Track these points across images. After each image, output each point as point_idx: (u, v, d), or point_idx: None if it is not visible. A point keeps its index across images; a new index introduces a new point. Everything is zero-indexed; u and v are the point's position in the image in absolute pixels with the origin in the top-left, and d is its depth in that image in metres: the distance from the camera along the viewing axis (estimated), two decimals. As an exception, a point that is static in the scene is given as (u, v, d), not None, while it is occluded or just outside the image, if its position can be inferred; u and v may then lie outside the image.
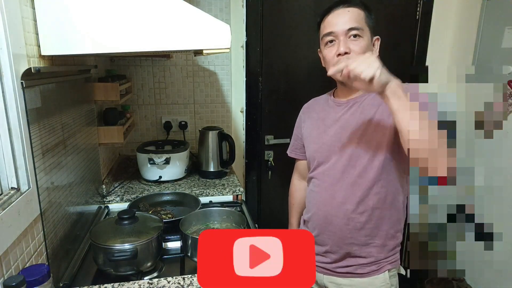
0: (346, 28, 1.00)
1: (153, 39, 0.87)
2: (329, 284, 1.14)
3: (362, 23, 1.01)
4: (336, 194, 1.07)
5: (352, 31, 1.00)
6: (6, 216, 0.72)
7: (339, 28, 1.01)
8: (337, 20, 1.02)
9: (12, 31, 0.77)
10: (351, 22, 1.00)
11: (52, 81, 0.99)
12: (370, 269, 1.08)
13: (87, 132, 1.31)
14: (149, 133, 2.05)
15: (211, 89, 2.06)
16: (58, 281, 0.97)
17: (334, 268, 1.12)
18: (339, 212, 1.06)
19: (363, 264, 1.08)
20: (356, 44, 1.00)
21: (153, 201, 1.50)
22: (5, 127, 0.79)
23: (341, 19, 1.01)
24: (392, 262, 1.09)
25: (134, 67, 1.95)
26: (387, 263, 1.09)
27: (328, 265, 1.13)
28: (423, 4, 2.07)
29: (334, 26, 1.02)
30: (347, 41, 1.00)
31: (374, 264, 1.08)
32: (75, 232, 1.15)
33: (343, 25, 1.00)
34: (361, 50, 0.99)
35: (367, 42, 1.02)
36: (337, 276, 1.12)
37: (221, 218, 1.30)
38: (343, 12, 1.02)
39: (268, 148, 2.14)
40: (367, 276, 1.08)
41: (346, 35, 1.00)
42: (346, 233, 1.06)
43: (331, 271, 1.13)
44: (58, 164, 1.01)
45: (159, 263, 1.11)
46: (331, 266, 1.12)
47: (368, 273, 1.08)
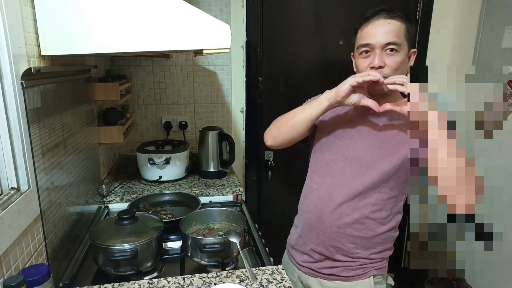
0: (384, 42, 0.96)
1: (153, 39, 0.87)
2: (314, 285, 1.13)
3: (401, 38, 0.97)
4: (335, 196, 1.06)
5: (390, 45, 0.96)
6: (6, 216, 0.72)
7: (376, 40, 0.96)
8: (375, 32, 0.97)
9: (12, 31, 0.77)
10: (390, 36, 0.96)
11: (52, 81, 0.99)
12: (356, 273, 1.07)
13: (87, 132, 1.31)
14: (149, 133, 2.05)
15: (211, 89, 2.06)
16: (58, 281, 0.97)
17: (319, 269, 1.11)
18: (333, 214, 1.06)
19: (348, 267, 1.08)
20: (392, 59, 0.97)
21: (153, 201, 1.50)
22: (5, 127, 0.79)
23: (380, 31, 0.96)
24: (379, 269, 1.09)
25: (134, 67, 1.96)
26: (373, 268, 1.08)
27: (313, 264, 1.12)
28: (423, 4, 2.08)
29: (371, 38, 0.97)
30: (383, 55, 0.97)
31: (360, 268, 1.07)
32: (75, 232, 1.15)
33: (381, 38, 0.96)
34: (396, 66, 0.97)
35: (403, 58, 0.98)
36: (322, 278, 1.12)
37: (221, 218, 1.30)
38: (383, 24, 0.97)
39: (268, 148, 2.14)
40: (352, 280, 1.08)
41: (383, 49, 0.97)
42: (335, 236, 1.06)
43: (317, 272, 1.12)
44: (58, 164, 1.01)
45: (159, 263, 1.11)
46: (316, 266, 1.12)
47: (353, 277, 1.08)
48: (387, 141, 1.01)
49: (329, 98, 1.00)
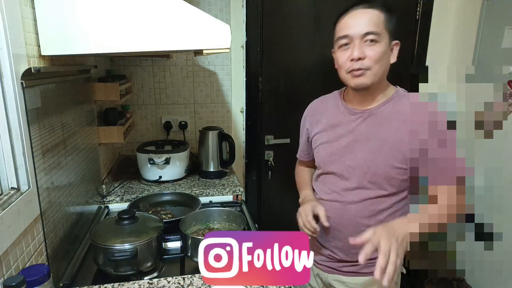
0: (362, 32, 0.93)
1: (153, 39, 0.87)
2: (334, 282, 1.13)
3: (381, 27, 0.93)
4: (347, 207, 1.04)
5: (368, 35, 0.92)
6: (6, 216, 0.72)
7: (355, 31, 0.94)
8: (354, 22, 0.94)
9: (12, 31, 0.77)
10: (368, 25, 0.92)
11: (52, 81, 0.99)
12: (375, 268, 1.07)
13: (87, 132, 1.31)
14: (149, 133, 2.05)
15: (211, 89, 2.06)
16: (58, 281, 0.97)
17: (339, 267, 1.11)
18: (350, 225, 1.04)
19: (369, 264, 1.06)
20: (372, 50, 0.93)
21: (153, 201, 1.50)
22: (5, 127, 0.79)
23: (358, 21, 0.94)
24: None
25: (134, 67, 1.95)
26: None
27: (334, 263, 1.12)
28: (423, 4, 2.07)
29: (349, 29, 0.95)
30: (363, 46, 0.93)
31: None
32: (75, 232, 1.15)
33: (359, 28, 0.93)
34: (377, 56, 0.93)
35: (385, 48, 0.94)
36: (342, 274, 1.11)
37: (221, 218, 1.30)
38: (361, 14, 0.94)
39: (268, 148, 2.14)
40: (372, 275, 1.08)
41: (362, 39, 0.93)
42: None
43: (336, 269, 1.12)
44: (58, 164, 1.01)
45: (159, 263, 1.11)
46: (336, 265, 1.12)
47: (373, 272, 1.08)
48: (385, 144, 0.99)
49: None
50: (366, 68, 0.94)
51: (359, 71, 0.95)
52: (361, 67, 0.95)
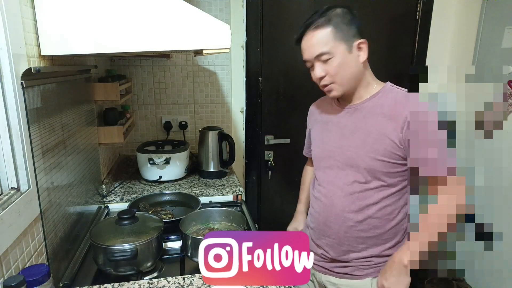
0: (314, 55, 1.00)
1: (153, 39, 0.87)
2: (327, 283, 1.14)
3: (330, 43, 0.98)
4: (336, 202, 1.07)
5: (321, 56, 0.99)
6: (6, 216, 0.72)
7: (309, 55, 1.02)
8: (307, 46, 1.02)
9: (12, 31, 0.77)
10: (318, 47, 0.99)
11: (52, 81, 0.99)
12: (368, 271, 1.08)
13: (87, 132, 1.31)
14: (149, 133, 2.05)
15: (211, 89, 2.06)
16: (58, 281, 0.97)
17: (332, 268, 1.13)
18: (338, 219, 1.07)
19: (361, 267, 1.08)
20: (329, 66, 0.99)
21: (153, 201, 1.50)
22: (5, 127, 0.79)
23: (309, 45, 1.01)
24: None
25: (134, 67, 1.95)
26: None
27: (327, 264, 1.14)
28: (423, 4, 2.07)
29: (305, 53, 1.03)
30: (321, 65, 1.00)
31: (372, 268, 1.08)
32: (75, 232, 1.15)
33: (311, 51, 1.00)
34: (335, 70, 0.99)
35: (341, 58, 0.99)
36: (335, 276, 1.13)
37: (221, 218, 1.30)
38: (310, 38, 1.00)
39: (268, 148, 2.14)
40: (364, 278, 1.08)
41: (319, 59, 1.00)
42: (344, 240, 1.07)
43: (330, 270, 1.13)
44: (58, 164, 1.01)
45: (159, 263, 1.11)
46: (329, 266, 1.13)
47: (366, 275, 1.08)
48: (368, 137, 1.02)
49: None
50: (330, 83, 1.02)
51: (327, 87, 1.03)
52: (326, 83, 1.02)
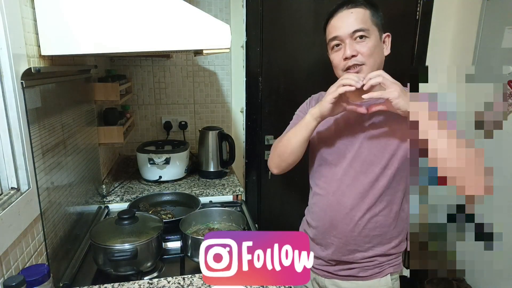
0: (350, 31, 0.97)
1: (153, 39, 0.87)
2: (331, 286, 1.13)
3: (368, 23, 0.97)
4: (344, 200, 1.04)
5: (357, 32, 0.96)
6: (6, 216, 0.72)
7: (343, 31, 0.98)
8: (341, 23, 0.99)
9: (12, 31, 0.77)
10: (355, 23, 0.96)
11: (52, 81, 0.99)
12: (373, 271, 1.07)
13: (87, 132, 1.31)
14: (149, 133, 2.05)
15: (211, 89, 2.06)
16: (58, 281, 0.97)
17: (336, 271, 1.11)
18: (345, 219, 1.04)
19: (365, 267, 1.07)
20: (363, 46, 0.97)
21: (153, 201, 1.50)
22: (5, 127, 0.79)
23: (345, 22, 0.98)
24: (395, 265, 1.09)
25: (134, 67, 1.95)
26: (390, 266, 1.08)
27: (330, 267, 1.11)
28: (423, 4, 2.07)
29: (338, 30, 0.99)
30: (353, 44, 0.97)
31: (377, 267, 1.07)
32: (75, 232, 1.15)
33: (347, 28, 0.97)
34: (369, 51, 0.97)
35: (375, 42, 0.98)
36: (339, 279, 1.11)
37: (221, 218, 1.30)
38: (346, 14, 0.98)
39: (268, 148, 2.14)
40: (369, 279, 1.07)
41: (352, 38, 0.97)
42: (351, 240, 1.05)
43: (333, 274, 1.11)
44: (58, 164, 1.01)
45: (159, 263, 1.11)
46: (333, 269, 1.11)
47: (370, 276, 1.07)
48: (383, 134, 1.00)
49: (316, 117, 1.01)
50: (361, 63, 0.98)
51: (356, 68, 0.98)
52: (356, 63, 0.98)
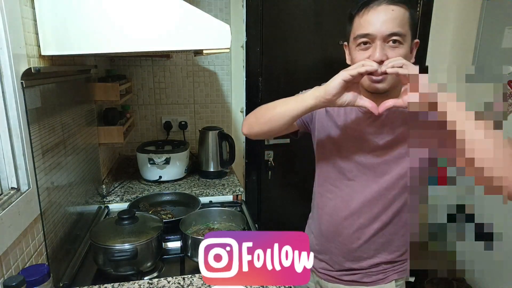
0: (386, 32, 0.82)
1: (153, 39, 0.86)
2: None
3: (406, 27, 0.83)
4: (352, 207, 1.00)
5: (393, 36, 0.82)
6: (6, 216, 0.72)
7: (378, 30, 0.83)
8: (377, 20, 0.83)
9: (12, 31, 0.77)
10: (394, 25, 0.82)
11: (52, 81, 0.99)
12: (377, 277, 1.03)
13: (87, 132, 1.31)
14: (149, 133, 2.05)
15: (211, 89, 2.06)
16: (58, 281, 0.97)
17: (339, 276, 1.07)
18: (352, 225, 1.00)
19: (369, 273, 1.04)
20: (395, 52, 0.83)
21: (153, 201, 1.50)
22: (5, 127, 0.79)
23: (382, 19, 0.82)
24: (400, 271, 1.04)
25: (134, 67, 1.95)
26: (394, 272, 1.04)
27: (334, 272, 1.08)
28: (423, 4, 2.07)
29: (372, 27, 0.83)
30: (385, 47, 0.83)
31: (381, 273, 1.03)
32: (75, 232, 1.15)
33: (383, 28, 0.82)
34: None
35: (406, 51, 0.85)
36: (342, 283, 1.07)
37: (221, 218, 1.30)
38: (386, 11, 0.83)
39: (268, 148, 2.14)
40: (373, 285, 1.04)
41: (385, 41, 0.83)
42: (355, 246, 1.01)
43: (337, 278, 1.08)
44: (58, 164, 1.01)
45: (159, 263, 1.11)
46: (336, 274, 1.08)
47: (375, 282, 1.03)
48: (397, 142, 0.93)
49: (317, 96, 0.84)
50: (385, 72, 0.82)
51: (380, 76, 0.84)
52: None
